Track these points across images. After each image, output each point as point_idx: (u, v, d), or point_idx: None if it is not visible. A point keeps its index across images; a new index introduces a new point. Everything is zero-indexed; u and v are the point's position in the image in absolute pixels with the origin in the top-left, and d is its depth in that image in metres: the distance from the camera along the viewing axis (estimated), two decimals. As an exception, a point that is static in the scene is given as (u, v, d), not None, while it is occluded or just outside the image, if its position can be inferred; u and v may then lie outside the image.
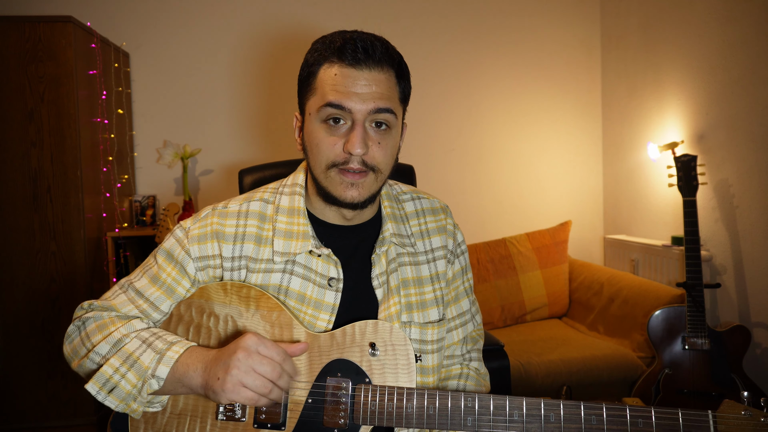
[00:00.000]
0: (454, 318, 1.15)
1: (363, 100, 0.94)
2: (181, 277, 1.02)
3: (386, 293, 1.04)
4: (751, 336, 2.09)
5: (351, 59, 0.94)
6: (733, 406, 0.91)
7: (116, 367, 0.93)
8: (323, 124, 0.96)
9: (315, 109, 0.97)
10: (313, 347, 0.98)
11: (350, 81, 0.94)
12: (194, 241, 1.02)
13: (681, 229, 2.23)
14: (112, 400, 0.93)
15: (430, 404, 0.92)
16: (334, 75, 0.95)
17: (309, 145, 1.00)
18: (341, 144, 0.96)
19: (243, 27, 3.15)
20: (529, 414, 0.91)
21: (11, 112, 2.50)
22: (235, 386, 0.87)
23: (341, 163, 0.96)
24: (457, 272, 1.16)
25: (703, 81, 2.51)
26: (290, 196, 1.07)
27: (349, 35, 0.97)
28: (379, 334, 0.97)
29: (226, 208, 1.06)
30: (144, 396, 0.93)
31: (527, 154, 3.35)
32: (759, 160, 2.22)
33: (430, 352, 1.07)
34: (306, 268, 1.02)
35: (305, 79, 1.00)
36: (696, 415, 0.90)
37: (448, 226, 1.15)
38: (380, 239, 1.06)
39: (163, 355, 0.93)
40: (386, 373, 0.95)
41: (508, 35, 3.30)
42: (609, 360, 2.34)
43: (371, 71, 0.95)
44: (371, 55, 0.95)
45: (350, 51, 0.94)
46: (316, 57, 0.98)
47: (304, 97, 1.01)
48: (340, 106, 0.94)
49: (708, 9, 2.47)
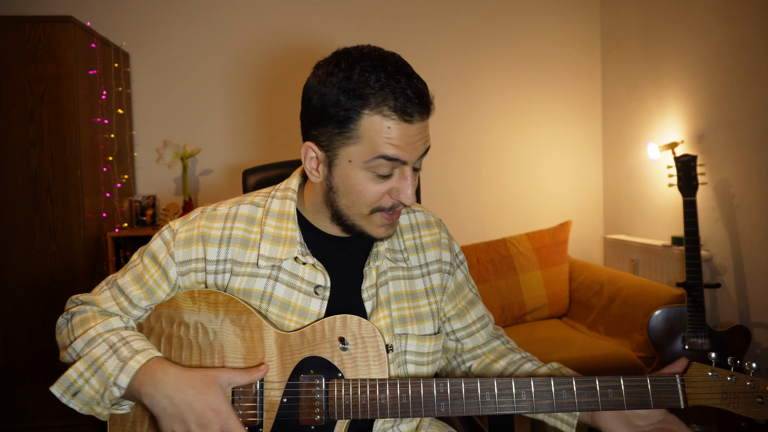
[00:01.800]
0: (476, 322, 1.17)
1: (416, 149, 0.93)
2: (162, 281, 1.02)
3: (375, 306, 1.04)
4: (751, 336, 2.09)
5: (408, 116, 0.89)
6: (701, 368, 0.94)
7: (81, 372, 0.94)
8: (371, 174, 0.92)
9: (361, 159, 0.91)
10: (284, 346, 0.98)
11: (408, 137, 0.90)
12: (180, 245, 1.02)
13: (681, 229, 2.23)
14: (75, 403, 0.95)
15: (402, 393, 0.94)
16: (388, 128, 0.89)
17: (344, 188, 0.95)
18: (387, 190, 0.94)
19: (243, 27, 3.15)
20: (501, 394, 0.93)
21: (11, 112, 2.50)
22: None
23: (387, 208, 0.96)
24: (461, 282, 1.17)
25: (703, 81, 2.51)
26: (282, 200, 1.05)
27: (398, 85, 0.88)
28: (348, 328, 0.97)
29: (215, 211, 1.05)
30: (106, 402, 0.94)
31: (527, 154, 3.35)
32: (759, 160, 2.22)
33: (426, 364, 1.07)
34: (291, 275, 1.02)
35: (339, 121, 0.90)
36: (664, 380, 0.93)
37: (443, 239, 1.14)
38: (374, 253, 1.06)
39: (126, 364, 0.93)
40: (358, 366, 0.96)
41: (507, 35, 3.30)
42: (609, 360, 2.34)
43: (423, 122, 0.92)
44: (428, 107, 0.92)
45: (409, 106, 0.88)
46: (361, 104, 0.88)
47: (334, 139, 0.92)
48: (398, 160, 0.91)
49: (708, 9, 2.47)
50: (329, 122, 0.91)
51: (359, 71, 0.89)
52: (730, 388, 0.91)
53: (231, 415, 0.90)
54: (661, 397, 0.92)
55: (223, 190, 3.18)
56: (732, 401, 0.91)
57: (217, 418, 0.89)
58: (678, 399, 0.92)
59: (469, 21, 3.28)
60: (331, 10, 3.19)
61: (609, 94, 3.31)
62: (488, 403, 0.93)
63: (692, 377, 0.93)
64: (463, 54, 3.28)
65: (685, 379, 0.93)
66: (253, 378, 0.94)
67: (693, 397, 0.92)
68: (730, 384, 0.91)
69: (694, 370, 0.93)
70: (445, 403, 0.93)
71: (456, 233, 3.22)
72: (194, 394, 0.91)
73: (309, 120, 0.95)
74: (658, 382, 0.93)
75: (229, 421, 0.90)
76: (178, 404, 0.90)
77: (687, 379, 0.93)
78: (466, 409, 0.93)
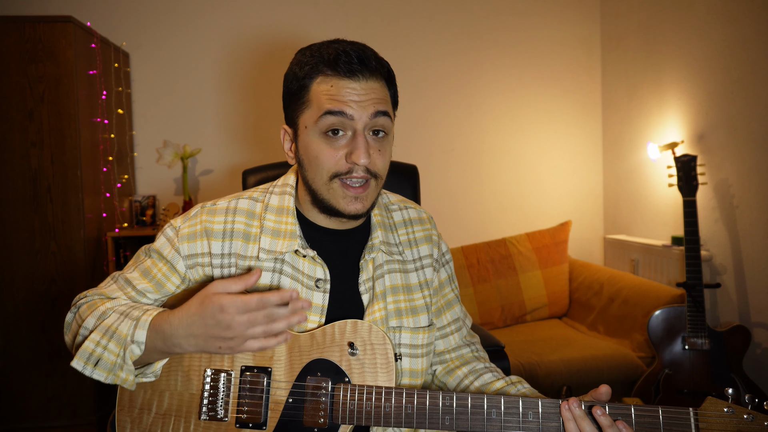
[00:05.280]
0: (450, 324, 1.18)
1: (362, 107, 0.95)
2: (171, 274, 1.03)
3: (371, 299, 1.05)
4: (751, 336, 2.09)
5: (346, 70, 0.95)
6: (716, 403, 0.89)
7: (97, 341, 0.94)
8: (322, 135, 0.97)
9: (312, 121, 0.97)
10: (294, 347, 0.98)
11: (347, 91, 0.95)
12: (184, 240, 1.03)
13: (681, 229, 2.23)
14: (99, 372, 0.93)
15: (408, 403, 0.93)
16: (330, 87, 0.95)
17: (306, 158, 1.00)
18: (342, 155, 0.96)
19: (243, 27, 3.15)
20: (507, 412, 0.91)
21: (11, 112, 2.50)
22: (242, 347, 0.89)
23: (344, 173, 0.97)
24: (444, 280, 1.18)
25: (703, 81, 2.51)
26: (280, 195, 1.07)
27: (338, 46, 0.97)
28: (358, 333, 0.97)
29: (214, 206, 1.07)
30: (129, 364, 0.93)
31: (527, 154, 3.35)
32: (759, 160, 2.22)
33: (420, 356, 1.08)
34: (294, 269, 1.03)
35: (296, 92, 0.99)
36: (677, 413, 0.89)
37: (434, 236, 1.17)
38: (369, 245, 1.07)
39: (139, 320, 0.94)
40: (365, 372, 0.96)
41: (508, 35, 3.30)
42: (609, 360, 2.34)
43: (367, 81, 0.96)
44: (366, 64, 0.96)
45: (344, 62, 0.94)
46: (307, 70, 0.97)
47: (295, 111, 1.00)
48: (340, 112, 0.94)
49: (708, 9, 2.47)
50: (291, 99, 1.01)
51: (315, 48, 0.99)
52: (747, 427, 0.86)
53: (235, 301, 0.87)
54: (673, 430, 0.88)
55: (223, 190, 3.18)
56: None
57: (224, 314, 0.87)
58: None
59: (469, 21, 3.28)
60: (331, 11, 3.19)
61: (609, 94, 3.31)
62: (494, 421, 0.91)
63: (706, 412, 0.88)
64: (463, 54, 3.28)
65: (699, 413, 0.88)
66: (248, 283, 0.89)
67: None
68: (746, 423, 0.86)
69: (709, 405, 0.88)
70: (449, 417, 0.92)
71: (456, 233, 3.22)
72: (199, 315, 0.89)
73: (283, 105, 1.04)
74: (671, 414, 0.89)
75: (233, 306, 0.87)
76: (195, 333, 0.89)
77: (701, 413, 0.88)
78: (471, 425, 0.91)
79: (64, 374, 2.56)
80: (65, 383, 2.57)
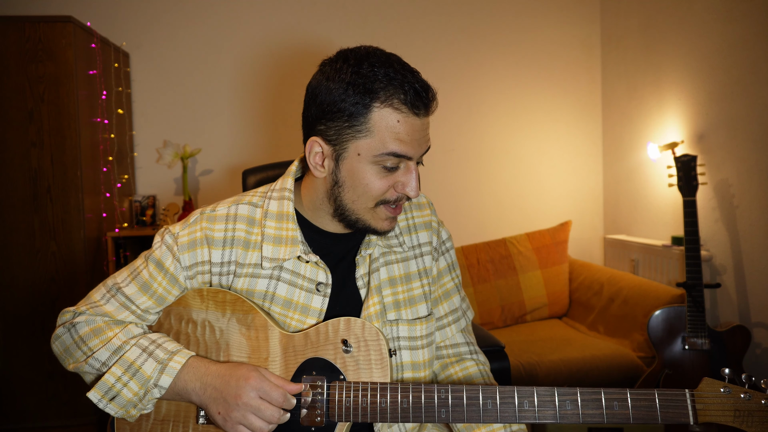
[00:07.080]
0: (447, 315, 1.15)
1: (420, 144, 0.96)
2: (171, 287, 1.03)
3: (368, 293, 1.05)
4: (751, 336, 2.09)
5: (417, 109, 0.93)
6: (712, 383, 0.89)
7: (118, 376, 0.95)
8: (377, 167, 0.95)
9: (370, 153, 0.94)
10: (288, 347, 0.98)
11: (412, 130, 0.94)
12: (184, 249, 1.02)
13: (681, 229, 2.23)
14: (112, 407, 0.95)
15: (403, 398, 0.93)
16: (397, 122, 0.92)
17: (350, 182, 0.97)
18: (393, 184, 0.97)
19: (243, 26, 3.15)
20: (503, 402, 0.92)
21: (11, 112, 2.50)
22: (235, 426, 0.92)
23: (393, 201, 0.99)
24: (443, 269, 1.16)
25: (703, 81, 2.51)
26: (279, 200, 1.05)
27: (407, 75, 0.93)
28: (351, 330, 0.97)
29: (214, 212, 1.05)
30: (145, 404, 0.96)
31: (527, 154, 3.35)
32: (759, 160, 2.22)
33: (420, 348, 1.07)
34: (293, 273, 1.03)
35: (350, 113, 0.92)
36: (673, 395, 0.89)
37: (433, 222, 1.15)
38: (365, 242, 1.07)
39: (165, 365, 0.95)
40: (360, 369, 0.96)
41: (508, 35, 3.30)
42: (609, 360, 2.34)
43: (428, 117, 0.97)
44: (431, 100, 0.96)
45: (417, 100, 0.93)
46: (372, 96, 0.92)
47: (344, 132, 0.94)
48: (405, 156, 0.95)
49: (708, 9, 2.47)
50: (338, 116, 0.93)
51: (368, 66, 0.92)
52: (744, 405, 0.87)
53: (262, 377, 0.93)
54: (670, 412, 0.88)
55: (223, 190, 3.18)
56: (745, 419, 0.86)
57: (247, 382, 0.92)
58: (687, 415, 0.88)
59: (469, 21, 3.28)
60: (330, 10, 3.19)
61: (609, 94, 3.31)
62: (489, 411, 0.92)
63: (703, 392, 0.88)
64: (463, 54, 3.28)
65: (695, 394, 0.88)
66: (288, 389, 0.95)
67: (704, 414, 0.87)
68: (743, 401, 0.87)
69: (705, 386, 0.88)
70: (445, 410, 0.92)
71: (456, 233, 3.22)
72: (228, 376, 0.94)
73: (315, 115, 0.97)
74: (667, 396, 0.88)
75: (262, 383, 0.93)
76: (233, 404, 0.92)
77: (698, 394, 0.88)
78: (467, 417, 0.92)
79: (64, 374, 2.56)
80: (65, 383, 2.57)
